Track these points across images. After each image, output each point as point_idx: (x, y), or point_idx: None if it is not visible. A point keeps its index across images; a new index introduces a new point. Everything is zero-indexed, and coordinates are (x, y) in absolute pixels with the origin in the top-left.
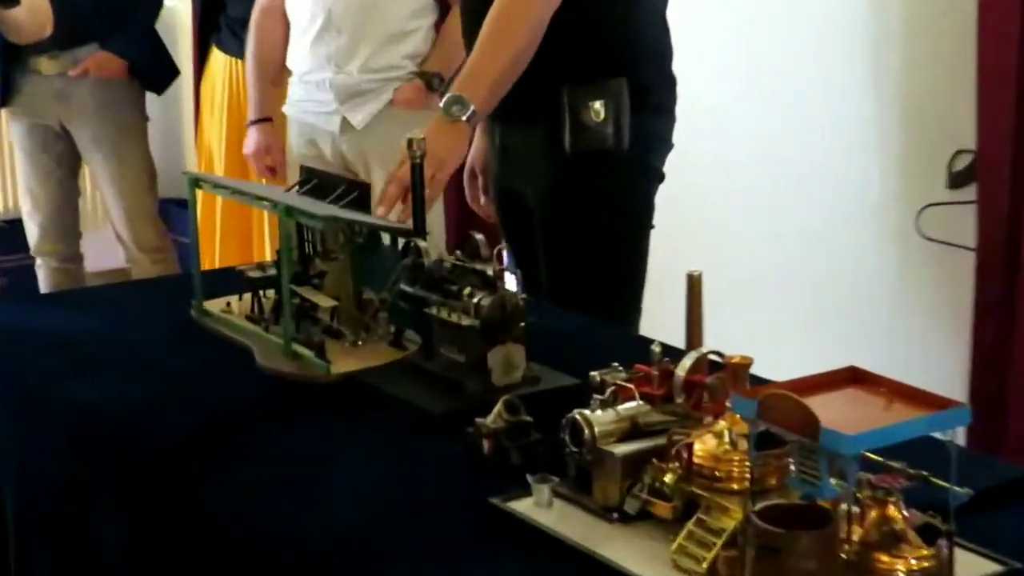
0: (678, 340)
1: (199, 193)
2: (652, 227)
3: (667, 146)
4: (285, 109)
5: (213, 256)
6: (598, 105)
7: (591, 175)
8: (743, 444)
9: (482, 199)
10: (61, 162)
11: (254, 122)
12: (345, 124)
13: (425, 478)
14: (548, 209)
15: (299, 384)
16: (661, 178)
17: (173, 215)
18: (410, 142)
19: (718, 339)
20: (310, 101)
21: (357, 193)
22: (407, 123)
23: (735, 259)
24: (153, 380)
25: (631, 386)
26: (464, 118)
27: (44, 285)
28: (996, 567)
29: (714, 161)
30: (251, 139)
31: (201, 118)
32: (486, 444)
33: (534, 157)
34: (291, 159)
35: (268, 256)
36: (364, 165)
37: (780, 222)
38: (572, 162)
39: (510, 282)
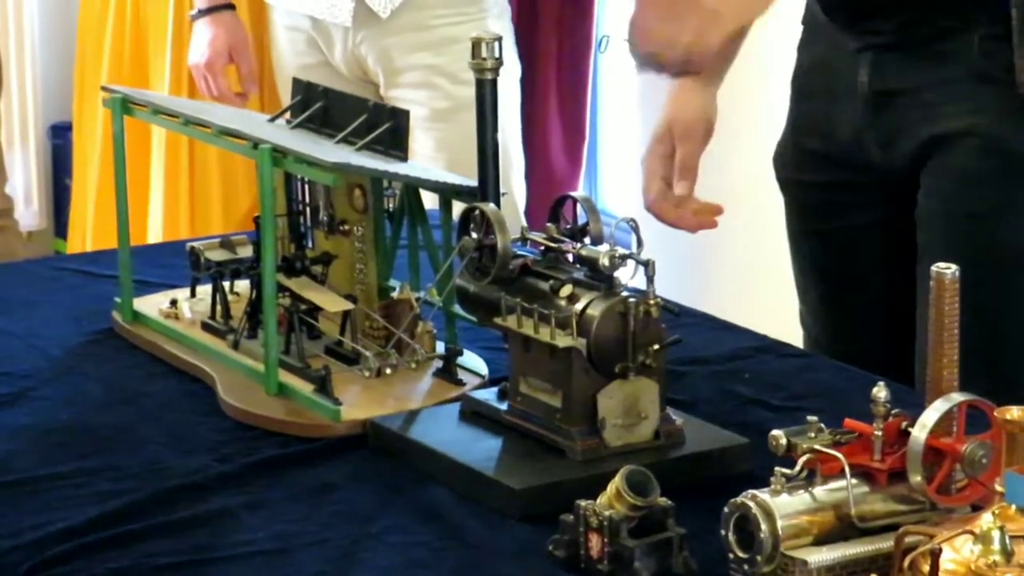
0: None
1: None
2: None
3: None
4: None
5: (145, 222)
6: None
7: None
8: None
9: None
10: None
11: (205, 11)
12: (362, 11)
13: None
14: (976, 185)
15: (287, 439)
16: None
17: (64, 152)
18: (477, 45)
19: None
20: None
21: (390, 125)
22: (458, 7)
23: None
24: (47, 432)
25: (837, 454)
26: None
27: None
28: None
29: None
30: (200, 39)
31: None
32: (594, 543)
33: (945, 101)
34: (279, 72)
35: (236, 225)
36: (391, 76)
37: None
38: None
39: (638, 276)
